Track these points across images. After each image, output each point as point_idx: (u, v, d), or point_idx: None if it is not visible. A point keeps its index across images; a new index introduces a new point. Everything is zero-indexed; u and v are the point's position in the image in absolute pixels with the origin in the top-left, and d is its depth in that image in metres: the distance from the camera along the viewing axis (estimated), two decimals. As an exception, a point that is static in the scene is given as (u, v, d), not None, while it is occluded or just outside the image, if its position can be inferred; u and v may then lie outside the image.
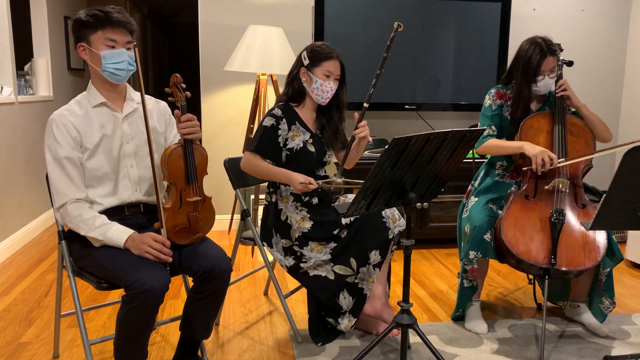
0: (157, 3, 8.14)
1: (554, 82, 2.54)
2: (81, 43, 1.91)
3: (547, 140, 2.52)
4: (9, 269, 3.37)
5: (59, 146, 1.88)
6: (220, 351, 2.36)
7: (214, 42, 3.98)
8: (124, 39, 1.91)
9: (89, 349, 1.97)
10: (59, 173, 1.89)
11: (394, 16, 3.87)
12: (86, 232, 1.88)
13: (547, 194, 2.48)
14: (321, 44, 2.38)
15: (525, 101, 2.55)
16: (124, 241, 1.86)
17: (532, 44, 2.50)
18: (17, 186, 3.82)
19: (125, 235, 1.86)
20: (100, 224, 1.87)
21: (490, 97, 2.63)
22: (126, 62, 1.91)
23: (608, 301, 2.53)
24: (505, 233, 2.38)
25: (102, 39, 1.88)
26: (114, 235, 1.86)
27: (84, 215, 1.88)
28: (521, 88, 2.53)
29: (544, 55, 2.46)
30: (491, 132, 2.60)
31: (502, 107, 2.63)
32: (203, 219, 2.03)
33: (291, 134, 2.37)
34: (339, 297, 2.33)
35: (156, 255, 1.84)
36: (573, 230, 2.39)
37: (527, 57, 2.49)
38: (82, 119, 1.93)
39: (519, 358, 2.31)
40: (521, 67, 2.51)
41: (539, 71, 2.48)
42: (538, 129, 2.53)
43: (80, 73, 5.57)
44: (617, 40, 4.47)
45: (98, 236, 1.86)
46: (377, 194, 1.84)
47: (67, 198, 1.89)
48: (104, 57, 1.88)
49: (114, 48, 1.89)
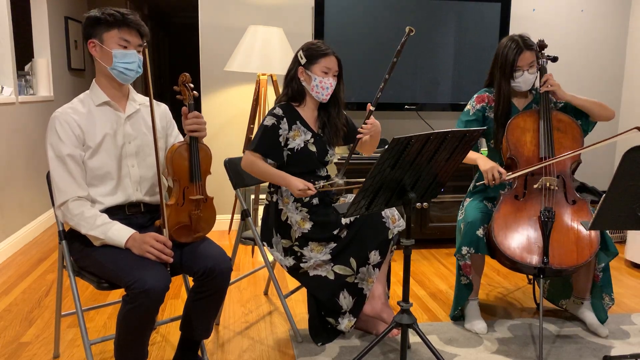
0: (157, 3, 8.14)
1: (534, 77, 2.55)
2: (93, 39, 1.92)
3: (534, 139, 2.51)
4: (9, 268, 3.37)
5: (61, 144, 1.88)
6: (220, 351, 2.37)
7: (214, 43, 3.98)
8: (137, 41, 1.94)
9: (89, 348, 1.97)
10: (61, 170, 1.89)
11: (394, 16, 3.88)
12: (87, 231, 1.88)
13: (537, 192, 2.47)
14: (316, 42, 2.39)
15: (505, 98, 2.55)
16: (125, 241, 1.86)
17: (508, 41, 2.53)
18: (17, 186, 3.82)
19: (127, 235, 1.87)
20: (101, 223, 1.88)
21: (471, 102, 2.65)
22: (136, 64, 1.94)
23: (607, 298, 2.53)
24: (496, 234, 2.38)
25: (117, 38, 1.90)
26: (114, 234, 1.87)
27: (85, 213, 1.88)
28: (500, 85, 2.54)
29: (520, 50, 2.48)
30: None
31: (484, 110, 2.63)
32: (204, 219, 2.03)
33: (292, 133, 2.38)
34: (338, 297, 2.33)
35: (157, 255, 1.84)
36: (564, 227, 2.39)
37: (504, 53, 2.51)
38: (85, 117, 1.93)
39: (518, 358, 2.32)
40: (499, 64, 2.53)
41: (516, 66, 2.49)
42: (524, 128, 2.52)
43: (80, 73, 5.57)
44: (617, 40, 4.47)
45: (99, 235, 1.87)
46: (377, 194, 1.85)
47: (69, 196, 1.89)
48: (116, 55, 1.90)
49: (126, 49, 1.92)
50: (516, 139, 2.50)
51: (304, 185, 2.22)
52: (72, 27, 5.16)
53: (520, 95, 2.63)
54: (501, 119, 2.56)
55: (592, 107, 2.55)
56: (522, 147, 2.50)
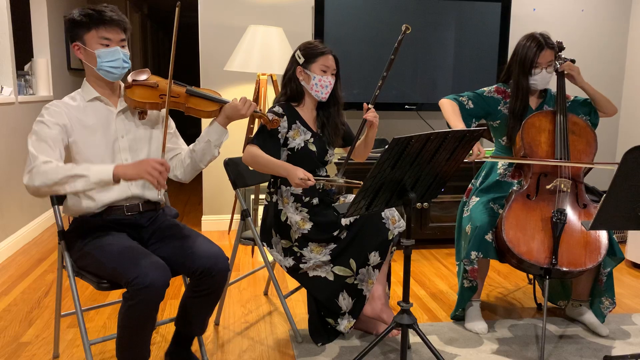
0: (157, 3, 8.14)
1: (550, 77, 2.58)
2: (76, 42, 1.92)
3: (548, 140, 2.52)
4: (9, 269, 3.37)
5: (45, 127, 1.85)
6: (220, 351, 2.36)
7: (214, 42, 3.98)
8: (118, 37, 1.92)
9: (89, 349, 1.96)
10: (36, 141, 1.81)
11: (394, 16, 3.88)
12: (66, 173, 1.73)
13: (549, 193, 2.48)
14: (313, 41, 2.41)
15: (524, 93, 2.57)
16: (111, 169, 1.74)
17: (529, 39, 2.55)
18: (17, 186, 3.81)
19: (111, 166, 1.76)
20: (78, 167, 1.76)
21: (490, 88, 2.67)
22: (121, 60, 1.92)
23: (608, 301, 2.53)
24: (506, 232, 2.38)
25: (96, 37, 1.89)
26: (98, 167, 1.75)
27: (59, 164, 1.77)
28: (519, 80, 2.56)
29: (541, 47, 2.51)
30: (464, 102, 2.62)
31: (499, 102, 2.64)
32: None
33: (292, 133, 2.37)
34: (338, 298, 2.33)
35: (157, 177, 1.73)
36: (574, 230, 2.39)
37: (524, 50, 2.54)
38: (75, 109, 1.93)
39: (518, 358, 2.31)
40: (518, 59, 2.56)
41: (536, 63, 2.52)
42: (540, 128, 2.53)
43: (80, 73, 5.57)
44: (617, 40, 4.47)
45: (82, 172, 1.73)
46: (377, 194, 1.84)
47: (41, 159, 1.77)
48: (99, 55, 1.89)
49: (108, 46, 1.90)
50: (531, 139, 2.51)
51: (304, 175, 2.21)
52: (72, 27, 5.15)
53: (533, 94, 2.65)
54: (518, 113, 2.58)
55: (602, 100, 2.62)
56: (537, 147, 2.50)
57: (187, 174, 2.10)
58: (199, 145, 2.05)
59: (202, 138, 2.05)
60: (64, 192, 1.77)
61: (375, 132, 2.44)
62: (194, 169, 2.09)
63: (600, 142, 2.63)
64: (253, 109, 2.08)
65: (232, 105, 2.04)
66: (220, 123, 2.05)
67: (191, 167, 2.08)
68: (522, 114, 2.57)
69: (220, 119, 2.05)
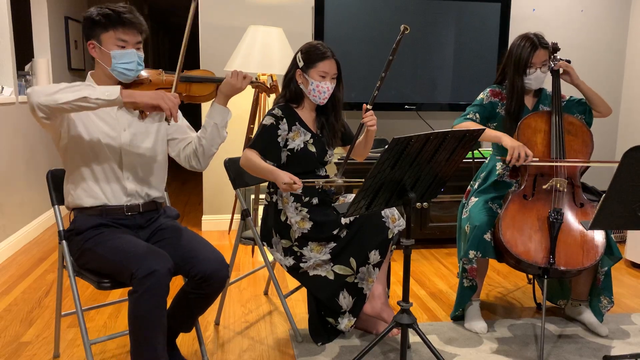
0: (157, 3, 8.15)
1: (544, 77, 2.59)
2: (91, 41, 1.91)
3: (544, 140, 2.52)
4: (9, 268, 3.37)
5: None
6: (220, 351, 2.37)
7: (214, 43, 3.98)
8: (135, 39, 1.92)
9: (89, 348, 1.97)
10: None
11: (394, 16, 3.88)
12: (70, 91, 1.71)
13: (545, 193, 2.48)
14: (315, 44, 2.38)
15: (519, 93, 2.58)
16: (118, 90, 1.74)
17: (523, 39, 2.56)
18: (17, 186, 3.82)
19: (117, 87, 1.76)
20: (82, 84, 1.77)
21: (485, 93, 2.68)
22: (135, 63, 1.91)
23: (606, 300, 2.54)
24: (503, 233, 2.38)
25: (113, 38, 1.88)
26: (104, 87, 1.75)
27: (61, 84, 1.75)
28: (514, 80, 2.57)
29: (535, 47, 2.52)
30: (473, 117, 2.63)
31: (496, 105, 2.65)
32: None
33: (292, 134, 2.38)
34: (338, 297, 2.33)
35: (170, 107, 1.76)
36: (571, 229, 2.40)
37: (518, 50, 2.55)
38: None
39: (518, 358, 2.32)
40: (513, 60, 2.56)
41: (530, 63, 2.53)
42: (536, 129, 2.54)
43: (80, 73, 5.57)
44: (617, 40, 4.47)
45: (87, 91, 1.72)
46: (377, 193, 1.85)
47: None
48: (114, 56, 1.89)
49: (124, 48, 1.89)
50: (527, 139, 2.52)
51: (289, 179, 2.19)
52: (72, 27, 5.16)
53: (528, 94, 2.65)
54: (514, 114, 2.58)
55: (596, 99, 2.63)
56: (533, 147, 2.51)
57: (202, 161, 2.10)
58: (206, 131, 2.06)
59: (207, 123, 2.05)
60: (66, 100, 1.71)
61: (375, 131, 2.44)
62: (207, 155, 2.10)
63: (599, 141, 2.64)
64: (248, 80, 2.05)
65: (226, 82, 2.02)
66: (220, 103, 2.05)
67: (203, 154, 2.09)
68: (518, 114, 2.58)
69: (219, 99, 2.05)
